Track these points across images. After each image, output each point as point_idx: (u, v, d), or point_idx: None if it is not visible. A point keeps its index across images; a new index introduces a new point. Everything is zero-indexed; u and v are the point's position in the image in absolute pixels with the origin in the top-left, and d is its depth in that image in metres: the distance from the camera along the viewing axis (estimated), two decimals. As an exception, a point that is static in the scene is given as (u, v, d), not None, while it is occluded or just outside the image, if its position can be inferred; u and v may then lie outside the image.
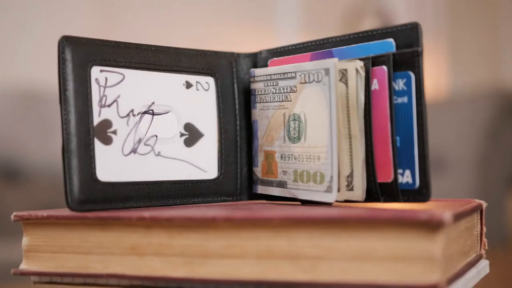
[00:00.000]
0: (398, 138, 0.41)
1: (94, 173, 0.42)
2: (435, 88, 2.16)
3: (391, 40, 0.42)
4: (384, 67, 0.41)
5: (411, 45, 0.41)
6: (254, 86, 0.48)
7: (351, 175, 0.42)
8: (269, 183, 0.47)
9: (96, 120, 0.43)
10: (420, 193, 0.40)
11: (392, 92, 0.41)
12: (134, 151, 0.44)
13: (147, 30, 1.81)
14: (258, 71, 0.48)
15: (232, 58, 0.50)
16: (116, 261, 0.39)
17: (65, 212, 0.41)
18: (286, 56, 0.48)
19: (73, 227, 0.40)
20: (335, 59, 0.42)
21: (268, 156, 0.47)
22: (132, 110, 0.44)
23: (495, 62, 2.26)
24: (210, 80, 0.48)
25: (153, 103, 0.45)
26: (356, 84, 0.41)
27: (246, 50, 0.52)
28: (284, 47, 0.49)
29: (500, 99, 1.38)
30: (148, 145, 0.45)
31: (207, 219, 0.36)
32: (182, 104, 0.47)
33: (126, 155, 0.44)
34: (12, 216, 0.42)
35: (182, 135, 0.47)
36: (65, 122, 0.41)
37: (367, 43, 0.43)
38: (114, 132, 0.43)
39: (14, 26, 1.69)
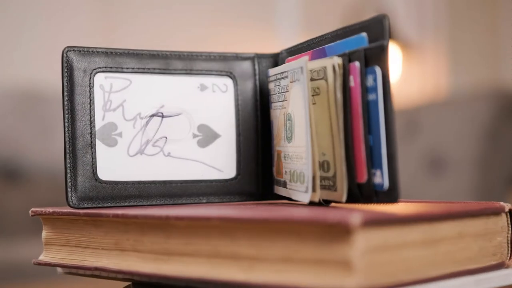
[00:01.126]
0: (371, 137, 0.39)
1: (95, 173, 0.45)
2: (435, 88, 2.16)
3: (364, 34, 0.40)
4: (357, 63, 0.40)
5: (379, 39, 0.39)
6: (269, 86, 0.48)
7: (335, 175, 0.41)
8: (279, 183, 0.47)
9: (100, 124, 0.45)
10: (389, 194, 0.38)
11: (364, 88, 0.39)
12: (141, 152, 0.46)
13: (147, 30, 1.81)
14: (271, 71, 0.48)
15: (254, 59, 0.50)
16: (105, 255, 0.41)
17: (67, 209, 0.44)
18: (297, 55, 0.48)
19: (74, 223, 0.43)
20: (306, 57, 0.42)
21: (278, 156, 0.47)
22: (139, 113, 0.46)
23: (495, 62, 2.26)
24: (229, 81, 0.49)
25: (162, 106, 0.47)
26: (334, 81, 0.40)
27: (246, 50, 0.52)
28: (297, 45, 0.48)
29: (500, 99, 1.38)
30: (157, 146, 0.46)
31: (161, 217, 0.38)
32: (195, 106, 0.48)
33: (132, 156, 0.46)
34: (29, 212, 0.45)
35: (195, 136, 0.47)
36: (66, 128, 0.44)
37: (349, 38, 0.42)
38: (119, 135, 0.46)
39: (14, 26, 1.69)
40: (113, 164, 0.45)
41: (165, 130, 0.47)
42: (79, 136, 0.44)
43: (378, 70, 0.38)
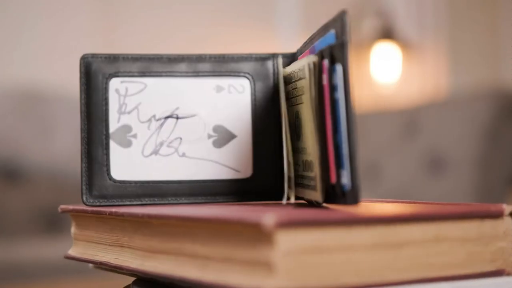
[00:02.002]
0: (337, 136, 0.38)
1: (109, 173, 0.47)
2: (435, 88, 2.16)
3: (333, 31, 0.39)
4: (326, 61, 0.39)
5: (342, 36, 0.38)
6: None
7: (316, 175, 0.40)
8: None
9: (115, 126, 0.47)
10: (351, 196, 0.36)
11: (331, 86, 0.38)
12: (155, 152, 0.47)
13: (147, 30, 1.81)
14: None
15: (272, 59, 0.50)
16: (111, 251, 0.43)
17: (83, 206, 0.46)
18: (303, 54, 0.47)
19: (89, 220, 0.45)
20: (279, 59, 0.43)
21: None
22: (154, 115, 0.48)
23: (495, 62, 2.26)
24: (245, 82, 0.49)
25: (177, 108, 0.48)
26: (309, 80, 0.40)
27: (246, 50, 0.52)
28: (304, 44, 0.48)
29: (500, 99, 1.38)
30: (171, 146, 0.48)
31: (138, 215, 0.39)
32: (211, 107, 0.48)
33: (147, 156, 0.47)
34: (59, 209, 0.47)
35: (210, 136, 0.48)
36: (83, 130, 0.47)
37: (325, 35, 0.41)
38: (134, 136, 0.47)
39: (14, 26, 1.69)
40: (127, 164, 0.47)
41: (180, 131, 0.48)
42: (94, 137, 0.47)
43: (339, 67, 0.37)
